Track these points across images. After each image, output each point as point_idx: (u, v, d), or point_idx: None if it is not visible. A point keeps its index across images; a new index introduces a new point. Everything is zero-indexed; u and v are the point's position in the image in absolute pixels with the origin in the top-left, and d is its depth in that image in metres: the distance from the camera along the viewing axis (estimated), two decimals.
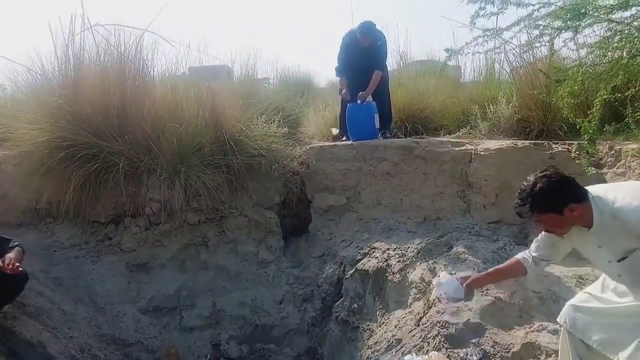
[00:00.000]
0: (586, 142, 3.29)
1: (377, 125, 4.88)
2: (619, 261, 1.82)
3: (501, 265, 2.37)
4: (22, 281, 3.02)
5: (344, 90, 4.98)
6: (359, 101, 4.85)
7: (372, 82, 4.85)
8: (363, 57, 4.85)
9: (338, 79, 5.40)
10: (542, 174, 1.83)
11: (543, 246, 2.14)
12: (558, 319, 2.15)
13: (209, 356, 3.91)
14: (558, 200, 1.79)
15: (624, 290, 1.94)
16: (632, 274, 1.85)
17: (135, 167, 4.17)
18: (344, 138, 5.14)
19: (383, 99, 5.11)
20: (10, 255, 2.90)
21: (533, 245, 2.20)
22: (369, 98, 5.03)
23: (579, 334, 2.03)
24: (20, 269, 2.82)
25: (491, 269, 2.41)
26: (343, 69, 5.05)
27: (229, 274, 4.34)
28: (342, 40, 5.06)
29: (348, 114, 4.90)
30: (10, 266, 2.75)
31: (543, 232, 2.10)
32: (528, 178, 1.87)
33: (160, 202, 4.11)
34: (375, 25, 4.86)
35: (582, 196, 1.81)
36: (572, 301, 2.14)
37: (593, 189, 1.86)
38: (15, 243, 3.05)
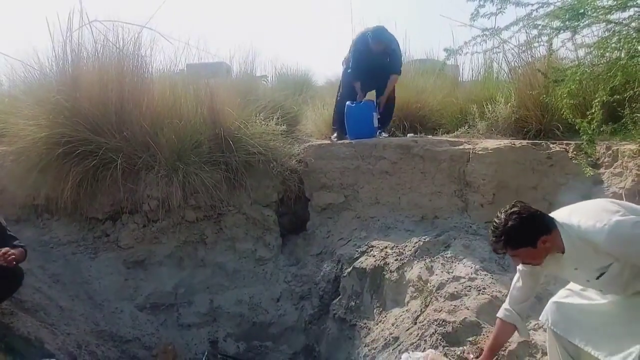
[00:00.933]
0: (585, 143, 3.30)
1: (376, 124, 4.89)
2: (597, 279, 1.89)
3: (492, 339, 2.40)
4: (19, 277, 3.02)
5: (358, 95, 4.96)
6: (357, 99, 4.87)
7: (389, 85, 4.96)
8: (374, 61, 4.87)
9: (338, 78, 5.39)
10: (511, 211, 1.93)
11: (521, 291, 2.23)
12: (540, 317, 2.18)
13: (206, 353, 3.91)
14: (530, 235, 1.88)
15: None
16: (613, 287, 1.91)
17: (133, 163, 4.17)
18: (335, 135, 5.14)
19: (389, 100, 5.13)
20: (12, 250, 2.88)
21: (511, 296, 2.27)
22: (372, 95, 5.06)
23: (562, 332, 2.06)
24: (13, 259, 2.78)
25: (487, 348, 2.41)
26: (357, 74, 5.02)
27: (227, 272, 4.35)
28: (352, 45, 5.04)
29: (347, 113, 4.91)
30: (4, 255, 2.72)
31: (516, 278, 2.23)
32: (498, 215, 1.97)
33: (158, 199, 4.11)
34: (386, 30, 4.89)
35: (550, 226, 1.90)
36: (553, 298, 2.18)
37: (558, 215, 1.95)
38: (21, 244, 3.04)
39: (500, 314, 2.30)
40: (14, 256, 2.77)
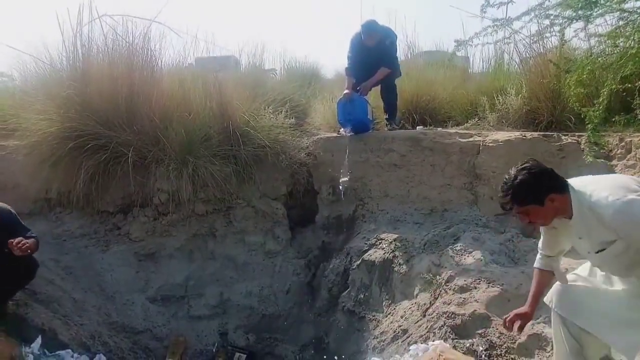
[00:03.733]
0: (590, 132, 3.25)
1: (371, 117, 4.82)
2: (597, 252, 1.83)
3: (533, 286, 2.20)
4: (33, 267, 3.08)
5: (346, 91, 4.83)
6: (346, 92, 4.78)
7: (376, 75, 4.80)
8: (370, 57, 4.76)
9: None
10: (522, 167, 1.86)
11: (549, 245, 2.14)
12: (545, 299, 2.14)
13: (216, 345, 3.96)
14: (538, 192, 1.82)
15: (611, 275, 1.94)
16: (610, 265, 1.87)
17: (143, 157, 4.20)
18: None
19: (390, 94, 5.02)
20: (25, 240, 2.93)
21: (541, 247, 2.18)
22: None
23: (565, 314, 2.02)
24: (27, 248, 2.82)
25: (531, 295, 2.19)
26: (353, 70, 4.95)
27: (236, 264, 4.38)
28: (350, 43, 4.96)
29: (339, 110, 4.80)
30: (18, 244, 2.76)
31: (542, 237, 2.14)
32: (509, 171, 1.89)
33: (169, 193, 4.14)
34: (377, 23, 4.75)
35: (562, 187, 1.84)
36: (559, 281, 2.14)
37: (573, 181, 1.88)
38: (33, 234, 3.09)
39: (536, 264, 2.20)
40: (27, 245, 2.82)
